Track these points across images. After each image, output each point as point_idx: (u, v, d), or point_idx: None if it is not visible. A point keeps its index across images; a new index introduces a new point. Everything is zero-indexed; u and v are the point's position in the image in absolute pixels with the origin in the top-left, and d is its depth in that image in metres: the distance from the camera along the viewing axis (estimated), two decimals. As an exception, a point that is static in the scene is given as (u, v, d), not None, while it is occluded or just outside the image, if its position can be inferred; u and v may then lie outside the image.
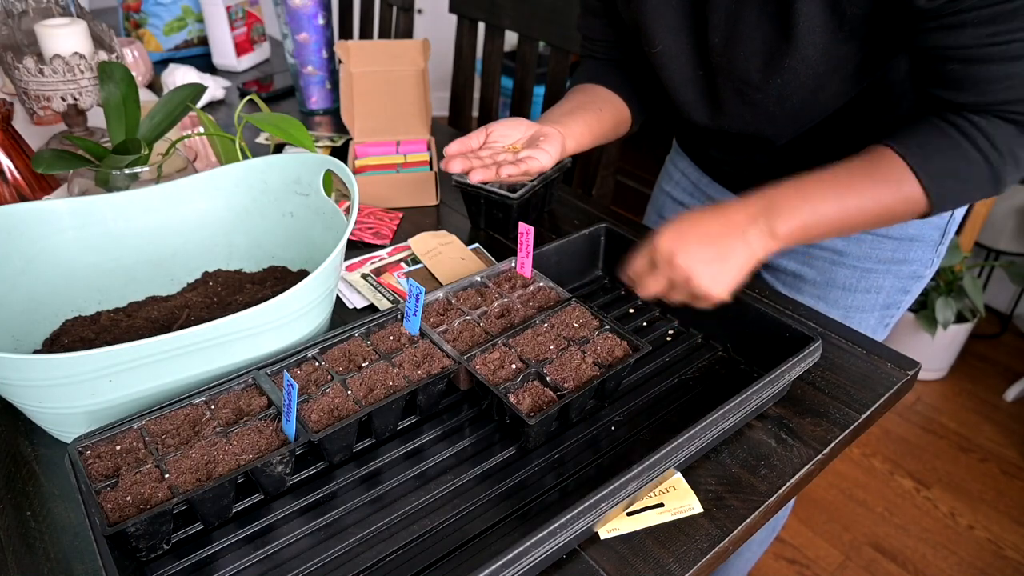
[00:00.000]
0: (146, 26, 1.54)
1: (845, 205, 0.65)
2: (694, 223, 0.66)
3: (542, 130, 0.78)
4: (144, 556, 0.53)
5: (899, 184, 0.65)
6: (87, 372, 0.55)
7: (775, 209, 0.65)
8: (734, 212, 0.66)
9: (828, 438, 0.64)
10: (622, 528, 0.56)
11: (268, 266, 0.81)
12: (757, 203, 0.66)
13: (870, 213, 0.66)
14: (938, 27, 0.61)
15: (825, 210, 0.65)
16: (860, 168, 0.67)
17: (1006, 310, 2.30)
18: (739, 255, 0.64)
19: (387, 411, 0.61)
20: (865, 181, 0.66)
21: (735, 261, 0.64)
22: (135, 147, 0.81)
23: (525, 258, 0.75)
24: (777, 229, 0.65)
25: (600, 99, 0.88)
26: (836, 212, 0.65)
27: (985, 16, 0.58)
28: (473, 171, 0.72)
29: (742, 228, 0.65)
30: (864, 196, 0.66)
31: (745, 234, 0.65)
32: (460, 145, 0.75)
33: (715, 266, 0.63)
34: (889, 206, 0.66)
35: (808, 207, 0.65)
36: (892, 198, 0.65)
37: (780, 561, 1.59)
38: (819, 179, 0.67)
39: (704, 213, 0.67)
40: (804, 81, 0.72)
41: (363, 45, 1.11)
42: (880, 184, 0.65)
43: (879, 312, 0.94)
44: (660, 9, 0.76)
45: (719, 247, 0.64)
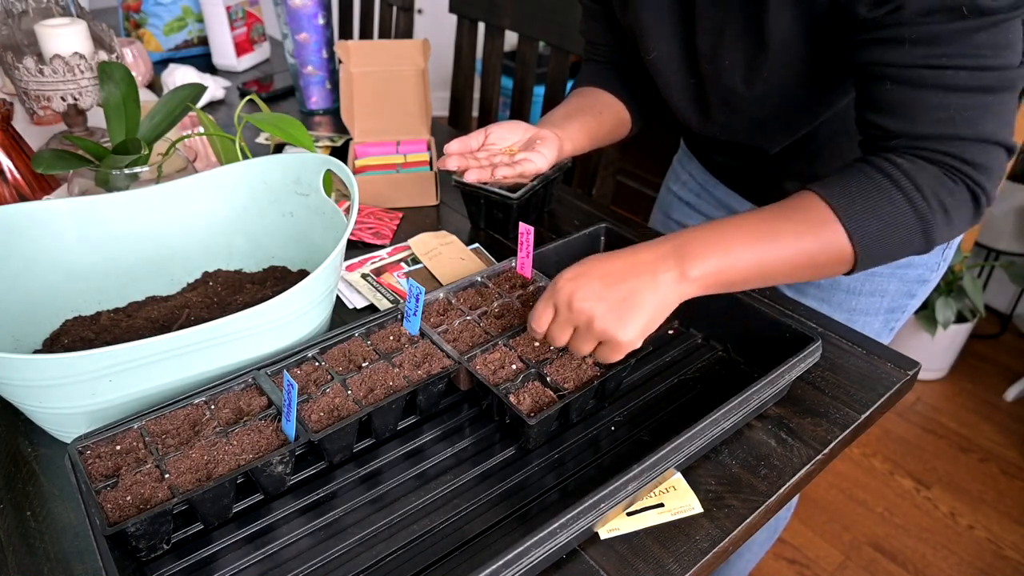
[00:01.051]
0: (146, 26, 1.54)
1: (762, 251, 0.61)
2: (597, 263, 0.61)
3: (539, 133, 0.78)
4: (144, 556, 0.53)
5: (821, 228, 0.60)
6: (87, 372, 0.55)
7: (687, 251, 0.60)
8: (642, 252, 0.61)
9: (828, 438, 0.64)
10: (622, 528, 0.56)
11: (268, 266, 0.81)
12: (668, 244, 0.61)
13: (790, 260, 0.61)
14: (876, 40, 0.59)
15: (741, 255, 0.60)
16: (782, 212, 0.62)
17: (1006, 310, 2.30)
18: (646, 297, 0.59)
19: (387, 411, 0.61)
20: (785, 225, 0.61)
21: (642, 303, 0.58)
22: (135, 147, 0.81)
23: (525, 258, 0.75)
24: (689, 272, 0.60)
25: (600, 103, 0.88)
26: (753, 257, 0.60)
27: (924, 34, 0.56)
28: (469, 170, 0.72)
29: (650, 268, 0.60)
30: (783, 242, 0.61)
31: (654, 276, 0.59)
32: (460, 144, 0.75)
33: (619, 307, 0.58)
34: (811, 253, 0.61)
35: (722, 250, 0.60)
36: (814, 244, 0.60)
37: (780, 561, 1.59)
38: (738, 222, 0.62)
39: (610, 254, 0.62)
40: (786, 90, 0.72)
41: (363, 45, 1.11)
42: (801, 229, 0.60)
43: (884, 316, 0.94)
44: (654, 17, 0.77)
45: (625, 290, 0.59)
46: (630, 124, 0.92)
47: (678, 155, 1.11)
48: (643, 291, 0.59)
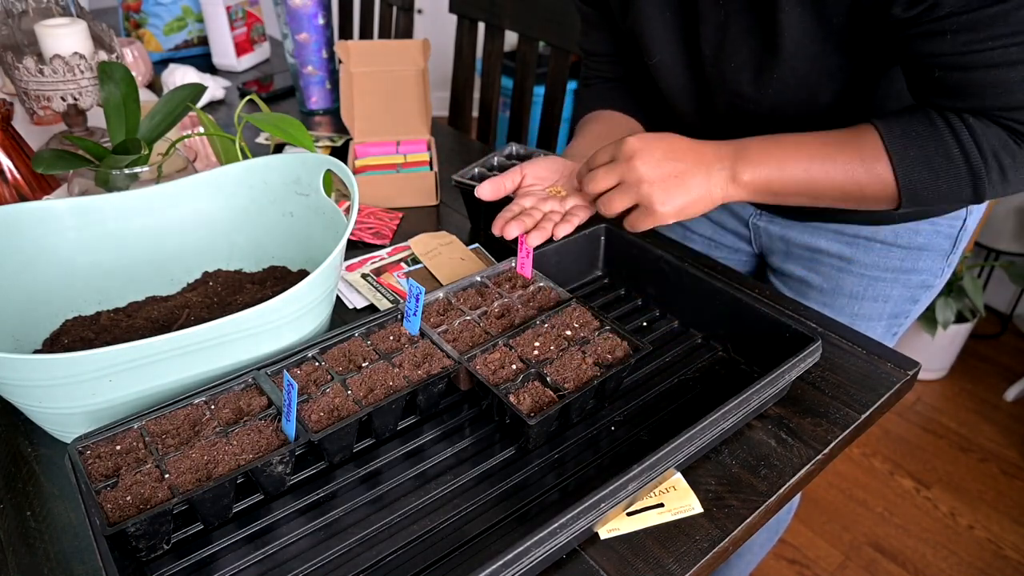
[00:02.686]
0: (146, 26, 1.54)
1: (813, 169, 0.65)
2: (668, 139, 0.65)
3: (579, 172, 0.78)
4: (144, 556, 0.53)
5: (873, 162, 0.64)
6: (87, 372, 0.55)
7: (743, 156, 0.65)
8: (706, 147, 0.66)
9: (828, 438, 0.64)
10: (622, 528, 0.56)
11: (268, 266, 0.81)
12: (728, 146, 0.66)
13: (837, 185, 0.65)
14: (918, 35, 0.60)
15: (792, 169, 0.64)
16: (839, 139, 0.66)
17: (1006, 310, 2.30)
18: (697, 185, 0.64)
19: (387, 411, 0.61)
20: (839, 152, 0.65)
21: (691, 188, 0.63)
22: (135, 147, 0.81)
23: (525, 258, 0.75)
24: (741, 175, 0.64)
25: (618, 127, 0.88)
26: (803, 174, 0.65)
27: (964, 23, 0.57)
28: (530, 235, 0.73)
29: (708, 163, 0.64)
30: (834, 166, 0.64)
31: (709, 169, 0.64)
32: (493, 187, 0.76)
33: (670, 182, 0.63)
34: (858, 182, 0.65)
35: (775, 162, 0.64)
36: (862, 174, 0.64)
37: (780, 561, 1.59)
38: (795, 139, 0.66)
39: (680, 137, 0.66)
40: (795, 92, 0.72)
41: (363, 45, 1.11)
42: (854, 158, 0.64)
43: (887, 321, 0.94)
44: (655, 21, 0.76)
45: (681, 168, 0.63)
46: None
47: None
48: (695, 176, 0.63)
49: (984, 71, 0.59)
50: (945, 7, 0.57)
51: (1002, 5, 0.55)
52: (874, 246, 0.88)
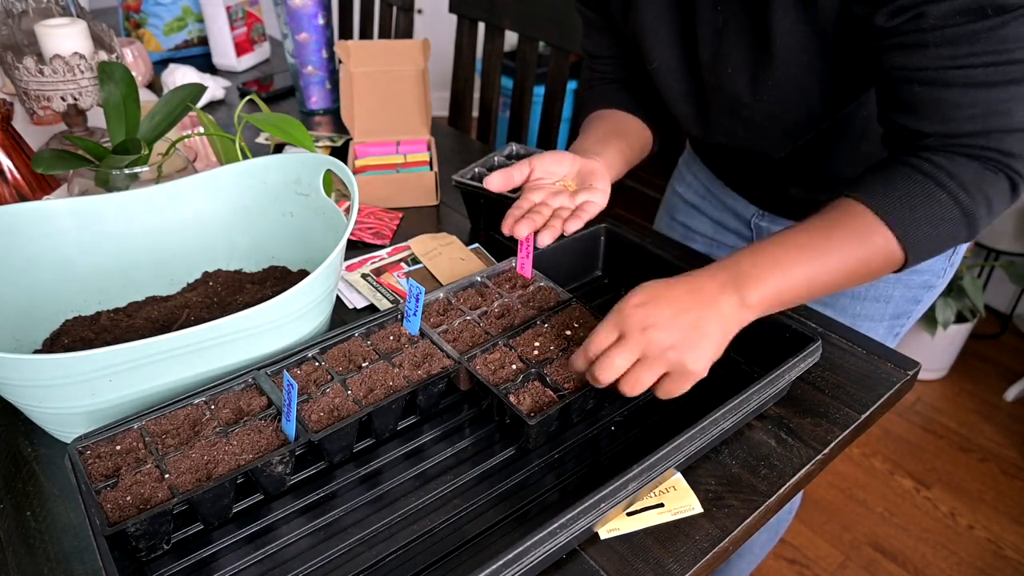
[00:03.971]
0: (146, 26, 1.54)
1: (816, 267, 0.61)
2: (663, 289, 0.60)
3: (588, 165, 0.77)
4: (144, 556, 0.53)
5: (871, 237, 0.61)
6: (87, 372, 0.55)
7: (744, 278, 0.61)
8: (703, 280, 0.61)
9: (828, 438, 0.64)
10: (622, 528, 0.56)
11: (268, 266, 0.81)
12: (726, 272, 0.62)
13: (844, 271, 0.62)
14: (899, 46, 0.59)
15: (797, 274, 0.61)
16: (828, 225, 0.63)
17: (1006, 310, 2.30)
18: (715, 325, 0.59)
19: (387, 411, 0.61)
20: (834, 239, 0.62)
21: (712, 332, 0.58)
22: (135, 147, 0.81)
23: (525, 258, 0.75)
24: (748, 298, 0.60)
25: (624, 125, 0.87)
26: (808, 275, 0.61)
27: (948, 36, 0.56)
28: (540, 233, 0.71)
29: (712, 297, 0.60)
30: (835, 255, 0.61)
31: (718, 305, 0.59)
32: (502, 179, 0.75)
33: (691, 335, 0.57)
34: (863, 260, 0.62)
35: (779, 273, 0.61)
36: (865, 252, 0.61)
37: (780, 561, 1.59)
38: (788, 241, 0.63)
39: (671, 282, 0.61)
40: (790, 97, 0.72)
41: (363, 45, 1.11)
42: (851, 240, 0.61)
43: (888, 322, 0.94)
44: (654, 25, 0.76)
45: (695, 317, 0.58)
46: (652, 142, 0.91)
47: (683, 157, 1.10)
48: (710, 320, 0.59)
49: (962, 90, 0.57)
50: (930, 18, 0.56)
51: (985, 22, 0.54)
52: None
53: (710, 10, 0.70)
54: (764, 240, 0.64)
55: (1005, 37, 0.55)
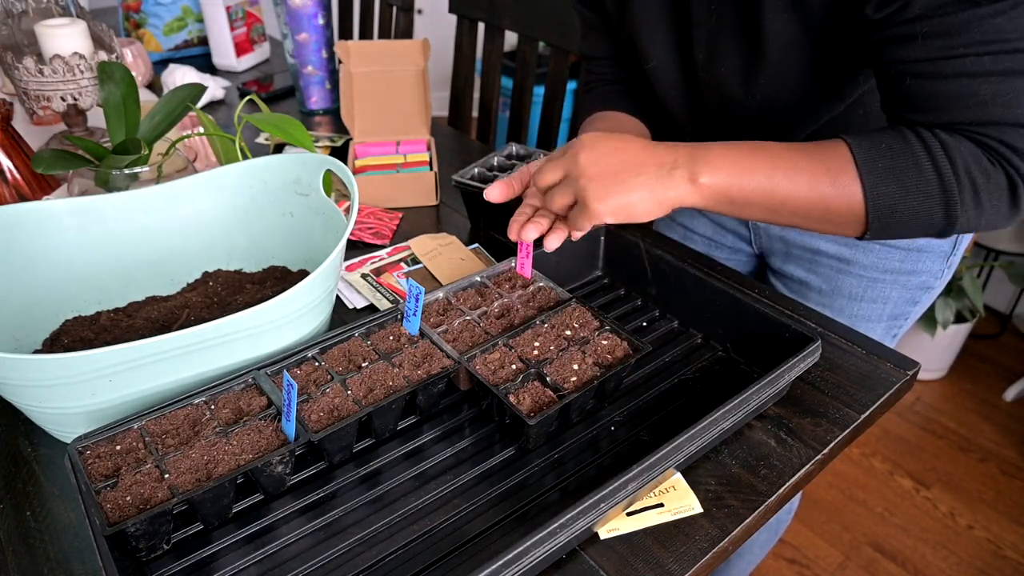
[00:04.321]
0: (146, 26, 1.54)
1: (776, 177, 0.60)
2: (622, 137, 0.61)
3: None
4: (144, 556, 0.53)
5: (839, 174, 0.58)
6: (87, 372, 0.55)
7: (703, 158, 0.60)
8: (662, 149, 0.61)
9: (828, 438, 0.64)
10: (622, 528, 0.56)
11: (268, 266, 0.81)
12: (687, 147, 0.61)
13: (801, 197, 0.60)
14: (890, 39, 0.58)
15: (754, 176, 0.60)
16: (806, 150, 0.61)
17: (1006, 310, 2.30)
18: (641, 185, 0.59)
19: (387, 411, 0.61)
20: (806, 161, 0.60)
21: (632, 187, 0.58)
22: (135, 147, 0.81)
23: (525, 258, 0.75)
24: (698, 176, 0.59)
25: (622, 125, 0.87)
26: (765, 181, 0.60)
27: (935, 27, 0.55)
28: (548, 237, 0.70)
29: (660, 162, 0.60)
30: (799, 176, 0.59)
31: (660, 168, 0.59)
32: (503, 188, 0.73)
33: (609, 179, 0.58)
34: (824, 197, 0.59)
35: (736, 167, 0.60)
36: (827, 187, 0.59)
37: (780, 561, 1.59)
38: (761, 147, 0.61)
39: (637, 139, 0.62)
40: (783, 96, 0.72)
41: (363, 45, 1.11)
42: (821, 170, 0.59)
43: (886, 322, 0.94)
44: (651, 25, 0.77)
45: (626, 167, 0.59)
46: None
47: None
48: (641, 175, 0.59)
49: (955, 80, 0.56)
50: (916, 7, 0.55)
51: (975, 10, 0.53)
52: (873, 247, 0.88)
53: (705, 11, 0.71)
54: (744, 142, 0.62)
55: (1001, 27, 0.53)
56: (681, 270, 0.76)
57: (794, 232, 0.93)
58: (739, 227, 1.01)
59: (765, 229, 0.97)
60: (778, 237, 0.96)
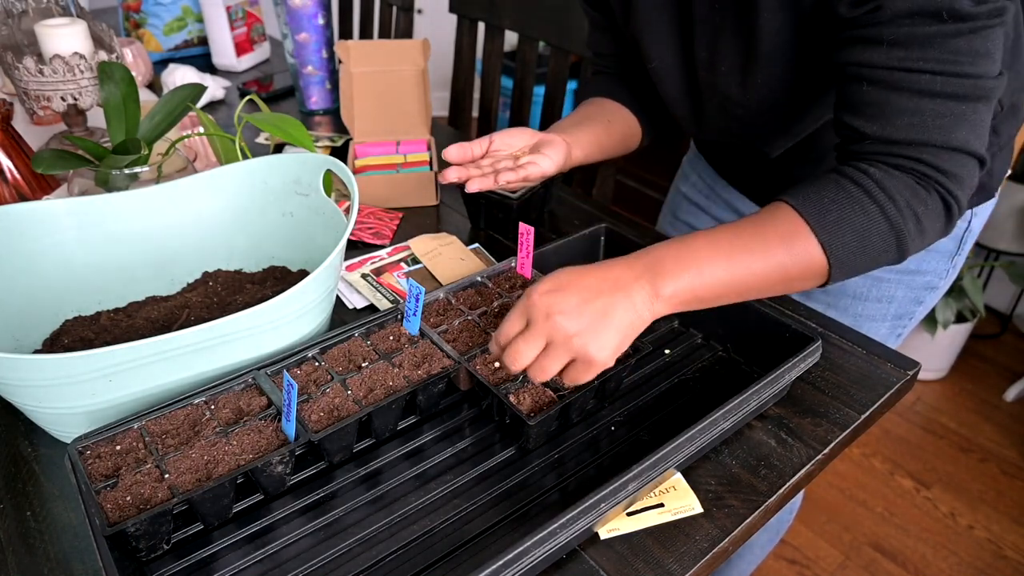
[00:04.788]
0: (146, 26, 1.54)
1: (735, 266, 0.59)
2: (573, 276, 0.59)
3: (546, 137, 0.78)
4: (144, 556, 0.53)
5: (793, 241, 0.59)
6: (87, 372, 0.55)
7: (660, 270, 0.59)
8: (616, 269, 0.60)
9: (828, 438, 0.64)
10: (622, 528, 0.56)
11: (268, 266, 0.81)
12: (641, 262, 0.60)
13: (763, 275, 0.60)
14: (855, 39, 0.59)
15: (713, 272, 0.59)
16: (753, 226, 0.61)
17: (1006, 310, 2.30)
18: (621, 315, 0.57)
19: (387, 411, 0.61)
20: (756, 239, 0.60)
21: (619, 321, 0.57)
22: (135, 147, 0.81)
23: (525, 258, 0.75)
24: (662, 290, 0.58)
25: (609, 112, 0.88)
26: (725, 274, 0.59)
27: (901, 36, 0.56)
28: (470, 181, 0.71)
29: (624, 286, 0.58)
30: (756, 256, 0.59)
31: (629, 293, 0.58)
32: (460, 150, 0.75)
33: (597, 323, 0.56)
34: (784, 266, 0.60)
35: (695, 268, 0.59)
36: (786, 257, 0.59)
37: (780, 561, 1.59)
38: (710, 237, 0.61)
39: (585, 269, 0.60)
40: (779, 95, 0.72)
41: (363, 45, 1.11)
42: (774, 242, 0.59)
43: (890, 322, 0.94)
44: (654, 25, 0.77)
45: (600, 303, 0.57)
46: (640, 135, 0.91)
47: (688, 156, 1.11)
48: (618, 308, 0.57)
49: (907, 96, 0.57)
50: (887, 12, 0.56)
51: (940, 26, 0.54)
52: None
53: (707, 11, 0.71)
54: (690, 235, 0.62)
55: (958, 48, 0.55)
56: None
57: None
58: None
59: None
60: None
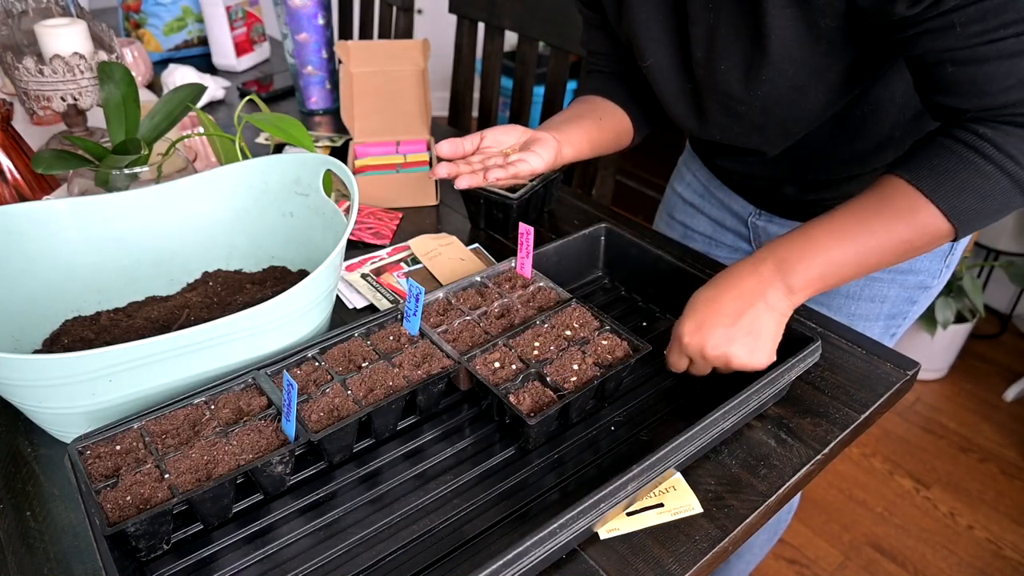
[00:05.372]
0: (146, 26, 1.54)
1: (860, 247, 0.62)
2: (710, 306, 0.64)
3: (536, 135, 0.78)
4: (144, 556, 0.53)
5: (914, 214, 0.61)
6: (87, 372, 0.55)
7: (787, 266, 0.63)
8: (745, 279, 0.64)
9: (828, 438, 0.64)
10: (622, 528, 0.56)
11: (268, 266, 0.81)
12: (768, 263, 0.64)
13: (889, 250, 0.63)
14: (925, 32, 0.59)
15: (840, 256, 0.63)
16: (871, 205, 0.63)
17: (1006, 310, 2.30)
18: (766, 322, 0.63)
19: (387, 411, 0.61)
20: (878, 218, 0.62)
21: (765, 328, 0.63)
22: (135, 147, 0.81)
23: (525, 258, 0.75)
24: (794, 285, 0.63)
25: (601, 109, 0.88)
26: (852, 256, 0.63)
27: (972, 14, 0.55)
28: (460, 177, 0.71)
29: (760, 294, 0.63)
30: (879, 234, 0.62)
31: (765, 299, 0.63)
32: (451, 146, 0.75)
33: (748, 341, 0.62)
34: (908, 239, 0.62)
35: (822, 256, 0.63)
36: (910, 231, 0.62)
37: (780, 561, 1.59)
38: (830, 224, 0.64)
39: (718, 290, 0.65)
40: (784, 93, 0.72)
41: (363, 45, 1.11)
42: (894, 218, 0.62)
43: (884, 322, 0.94)
44: (648, 24, 0.77)
45: (744, 322, 0.63)
46: (632, 132, 0.91)
47: (683, 156, 1.10)
48: (762, 317, 0.63)
49: (997, 63, 0.57)
50: (949, 1, 0.56)
51: None
52: None
53: (702, 9, 0.71)
54: (808, 224, 0.65)
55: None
56: (681, 270, 0.76)
57: None
58: (739, 226, 1.01)
59: (764, 228, 0.97)
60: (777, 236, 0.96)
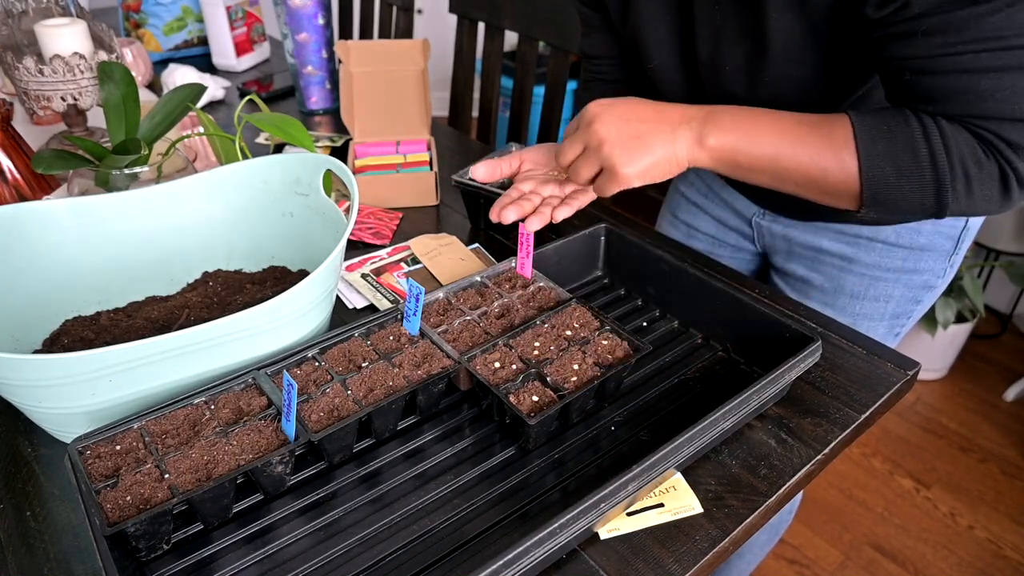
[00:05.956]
0: (146, 26, 1.54)
1: (782, 147, 0.63)
2: (629, 101, 0.65)
3: None
4: (144, 556, 0.53)
5: (840, 150, 0.61)
6: (87, 372, 0.55)
7: (712, 120, 0.63)
8: (671, 109, 0.65)
9: (828, 438, 0.64)
10: (622, 528, 0.56)
11: (268, 266, 0.81)
12: (700, 109, 0.65)
13: (803, 168, 0.63)
14: (890, 36, 0.59)
15: (760, 143, 0.63)
16: (812, 122, 0.64)
17: (1006, 310, 2.30)
18: (661, 145, 0.62)
19: (387, 411, 0.61)
20: (811, 134, 0.63)
21: (652, 147, 0.62)
22: (135, 147, 0.81)
23: (525, 258, 0.75)
24: (707, 138, 0.63)
25: None
26: (772, 150, 0.63)
27: (935, 25, 0.56)
28: (528, 219, 0.73)
29: (672, 123, 0.63)
30: (803, 147, 0.62)
31: (674, 129, 0.63)
32: (488, 169, 0.77)
33: (632, 143, 0.62)
34: (823, 167, 0.62)
35: (745, 132, 0.63)
36: (828, 159, 0.62)
37: (780, 561, 1.59)
38: (769, 115, 0.64)
39: (649, 101, 0.65)
40: (786, 94, 0.72)
41: (363, 45, 1.11)
42: (823, 142, 0.62)
43: (888, 321, 0.94)
44: (653, 25, 0.77)
45: (643, 129, 0.63)
46: None
47: None
48: (657, 137, 0.62)
49: (954, 76, 0.57)
50: (915, 7, 0.56)
51: (973, 8, 0.54)
52: (876, 246, 0.88)
53: (708, 10, 0.71)
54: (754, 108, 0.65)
55: (999, 24, 0.54)
56: (681, 270, 0.76)
57: (797, 230, 0.93)
58: (742, 226, 1.01)
59: (768, 228, 0.97)
60: (781, 236, 0.96)
